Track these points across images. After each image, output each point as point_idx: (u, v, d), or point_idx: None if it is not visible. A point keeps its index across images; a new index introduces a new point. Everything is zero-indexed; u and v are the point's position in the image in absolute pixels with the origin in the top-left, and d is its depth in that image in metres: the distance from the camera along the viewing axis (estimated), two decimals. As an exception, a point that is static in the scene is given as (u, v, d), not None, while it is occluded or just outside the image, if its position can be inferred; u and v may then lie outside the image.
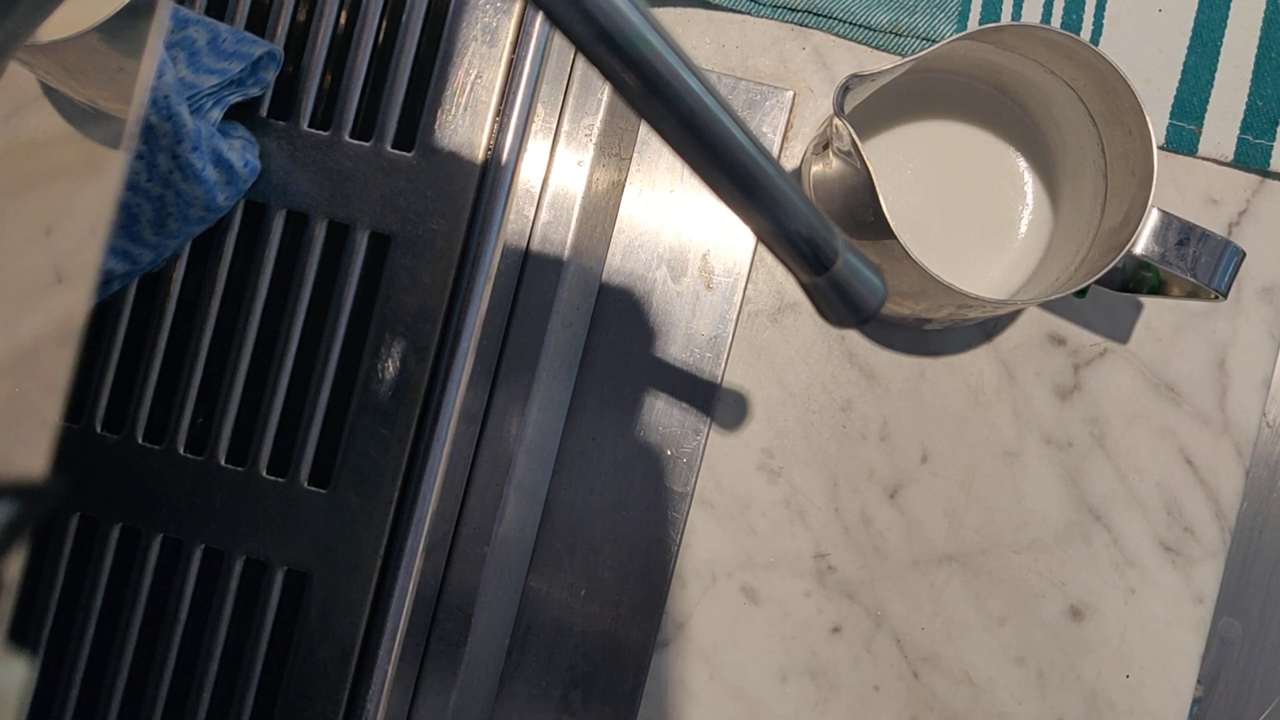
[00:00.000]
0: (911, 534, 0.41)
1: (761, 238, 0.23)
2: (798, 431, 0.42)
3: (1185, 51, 0.41)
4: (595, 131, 0.37)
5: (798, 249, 0.23)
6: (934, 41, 0.42)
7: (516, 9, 0.34)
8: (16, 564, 0.20)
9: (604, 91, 0.37)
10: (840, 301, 0.25)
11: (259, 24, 0.35)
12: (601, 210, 0.39)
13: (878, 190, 0.34)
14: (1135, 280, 0.39)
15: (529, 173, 0.35)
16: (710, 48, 0.42)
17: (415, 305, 0.34)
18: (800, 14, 0.42)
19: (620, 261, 0.42)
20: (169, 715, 0.34)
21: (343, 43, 0.35)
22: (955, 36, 0.35)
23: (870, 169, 0.33)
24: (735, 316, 0.41)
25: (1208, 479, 0.41)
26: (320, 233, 0.34)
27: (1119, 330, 0.42)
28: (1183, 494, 0.41)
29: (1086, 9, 0.41)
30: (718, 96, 0.20)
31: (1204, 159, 0.41)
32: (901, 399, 0.42)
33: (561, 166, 0.36)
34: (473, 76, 0.34)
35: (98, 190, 0.26)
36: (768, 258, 0.42)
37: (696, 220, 0.42)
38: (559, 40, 0.35)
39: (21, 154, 0.27)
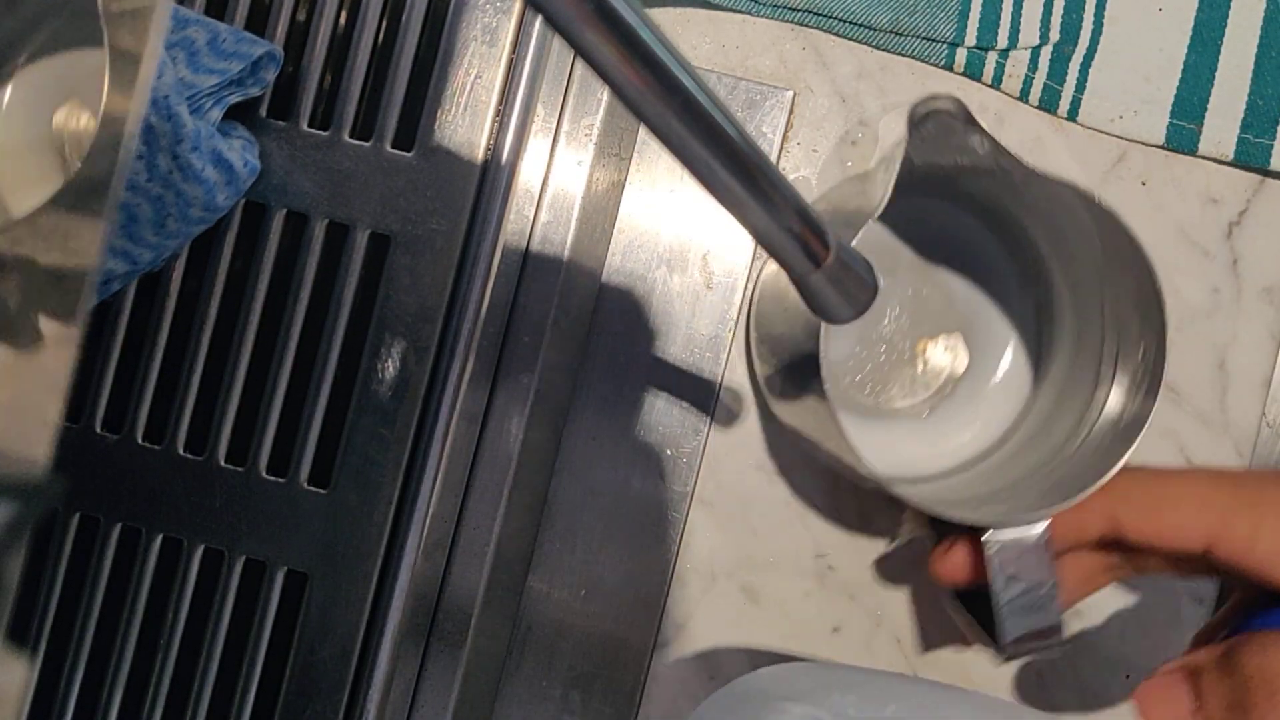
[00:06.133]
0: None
1: (755, 234, 0.23)
2: (798, 431, 0.42)
3: (1185, 50, 0.41)
4: (595, 131, 0.37)
5: (791, 245, 0.23)
6: (934, 40, 0.41)
7: (516, 9, 0.34)
8: (16, 564, 0.20)
9: (604, 91, 0.37)
10: (834, 296, 0.25)
11: (259, 24, 0.35)
12: (601, 210, 0.39)
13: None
14: None
15: (529, 173, 0.35)
16: (710, 48, 0.42)
17: (415, 305, 0.34)
18: (800, 14, 0.42)
19: (620, 261, 0.42)
20: (169, 715, 0.34)
21: (342, 43, 0.35)
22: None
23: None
24: (735, 316, 0.41)
25: (1208, 479, 0.41)
26: (320, 233, 0.34)
27: (1119, 330, 0.42)
28: (1183, 494, 0.41)
29: (1087, 8, 0.41)
30: (712, 97, 0.20)
31: (1204, 158, 0.41)
32: (901, 399, 0.42)
33: (561, 166, 0.36)
34: (473, 76, 0.34)
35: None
36: (767, 257, 0.42)
37: (696, 220, 0.42)
38: (559, 40, 0.35)
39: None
